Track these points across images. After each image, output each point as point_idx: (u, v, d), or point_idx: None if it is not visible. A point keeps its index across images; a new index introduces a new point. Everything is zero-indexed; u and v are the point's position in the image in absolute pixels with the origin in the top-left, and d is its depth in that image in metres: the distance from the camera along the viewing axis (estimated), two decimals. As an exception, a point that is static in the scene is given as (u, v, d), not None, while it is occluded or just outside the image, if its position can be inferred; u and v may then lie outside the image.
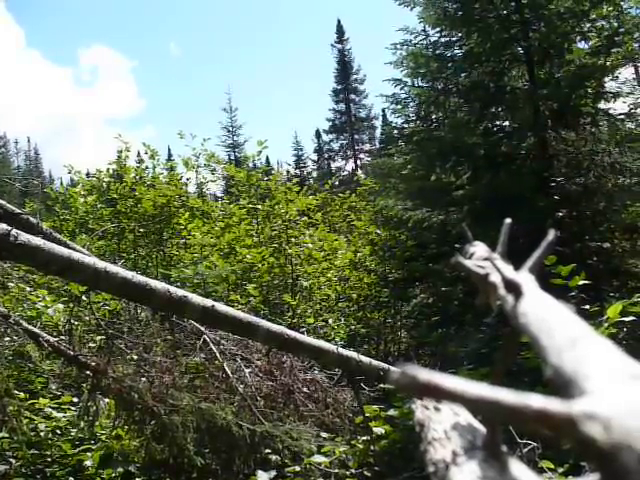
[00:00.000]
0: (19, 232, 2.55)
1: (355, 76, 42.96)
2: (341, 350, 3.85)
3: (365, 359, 3.92)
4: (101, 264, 2.88)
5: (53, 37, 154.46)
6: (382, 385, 4.08)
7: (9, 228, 2.49)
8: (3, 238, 2.46)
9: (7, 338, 3.81)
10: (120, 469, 3.34)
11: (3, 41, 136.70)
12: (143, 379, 3.57)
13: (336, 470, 3.46)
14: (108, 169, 9.56)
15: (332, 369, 4.74)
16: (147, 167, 9.69)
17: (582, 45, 7.59)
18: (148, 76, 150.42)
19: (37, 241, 2.61)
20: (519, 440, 2.71)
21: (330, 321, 7.88)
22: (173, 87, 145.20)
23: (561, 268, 3.52)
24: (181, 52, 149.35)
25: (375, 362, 3.98)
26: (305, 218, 9.49)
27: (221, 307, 3.37)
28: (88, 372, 3.54)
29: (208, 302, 3.28)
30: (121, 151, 9.25)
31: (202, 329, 4.26)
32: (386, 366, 3.99)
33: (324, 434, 3.85)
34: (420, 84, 8.71)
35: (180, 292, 3.18)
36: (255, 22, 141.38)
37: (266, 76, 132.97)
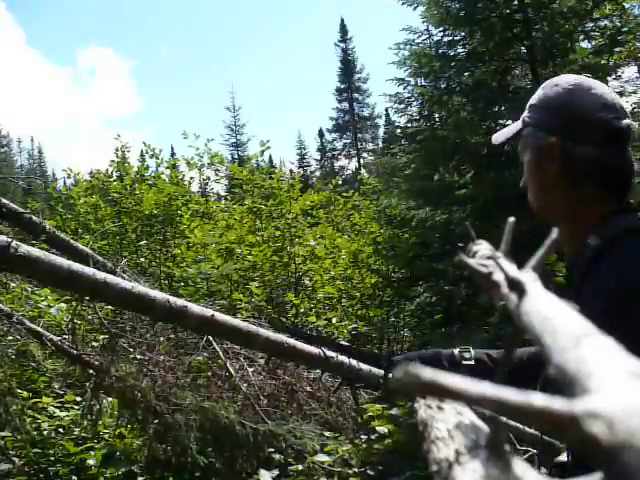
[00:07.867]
0: (19, 243, 2.55)
1: (358, 75, 43.04)
2: (341, 358, 3.84)
3: (365, 367, 3.90)
4: (101, 275, 2.89)
5: (52, 37, 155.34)
6: (381, 391, 4.05)
7: (9, 240, 2.50)
8: (3, 250, 2.46)
9: (10, 337, 3.82)
10: (123, 468, 3.34)
11: (4, 41, 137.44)
12: (146, 378, 3.57)
13: (339, 469, 3.47)
14: (107, 169, 9.55)
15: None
16: (149, 166, 9.66)
17: (585, 44, 7.61)
18: (146, 76, 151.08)
19: (37, 252, 2.62)
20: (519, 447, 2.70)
21: (333, 320, 7.88)
22: (172, 87, 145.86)
23: (562, 266, 3.53)
24: (180, 52, 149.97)
25: (375, 370, 3.94)
26: (309, 218, 9.50)
27: (221, 316, 3.38)
28: (91, 371, 3.54)
29: (208, 312, 3.29)
30: (122, 150, 9.25)
31: (205, 328, 4.26)
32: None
33: (327, 433, 3.85)
34: (423, 83, 8.72)
35: (180, 302, 3.19)
36: (257, 20, 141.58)
37: (269, 75, 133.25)
